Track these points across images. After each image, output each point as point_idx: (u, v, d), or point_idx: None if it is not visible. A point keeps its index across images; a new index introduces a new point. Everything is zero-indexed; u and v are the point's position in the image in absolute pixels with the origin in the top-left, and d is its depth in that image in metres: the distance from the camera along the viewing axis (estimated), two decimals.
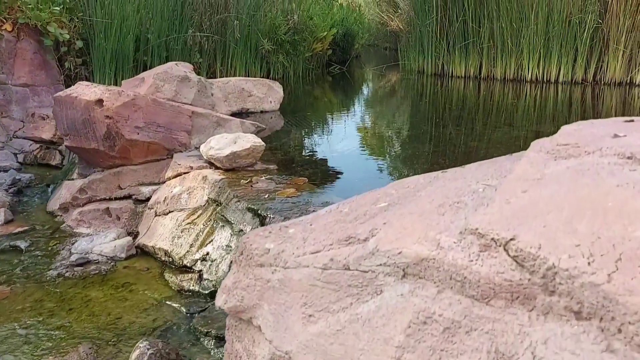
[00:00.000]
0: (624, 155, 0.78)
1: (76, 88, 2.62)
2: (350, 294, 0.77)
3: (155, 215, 2.44)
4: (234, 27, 4.95)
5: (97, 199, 2.64)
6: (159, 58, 4.49)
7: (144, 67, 4.35)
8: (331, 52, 6.80)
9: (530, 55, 5.57)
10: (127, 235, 2.44)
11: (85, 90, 2.56)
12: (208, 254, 2.07)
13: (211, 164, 2.45)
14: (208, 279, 2.00)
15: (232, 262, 0.95)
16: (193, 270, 2.09)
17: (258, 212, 1.92)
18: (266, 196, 2.04)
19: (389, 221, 0.81)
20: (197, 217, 2.24)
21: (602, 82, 5.44)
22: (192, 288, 2.01)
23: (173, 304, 1.93)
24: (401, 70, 6.87)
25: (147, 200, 2.58)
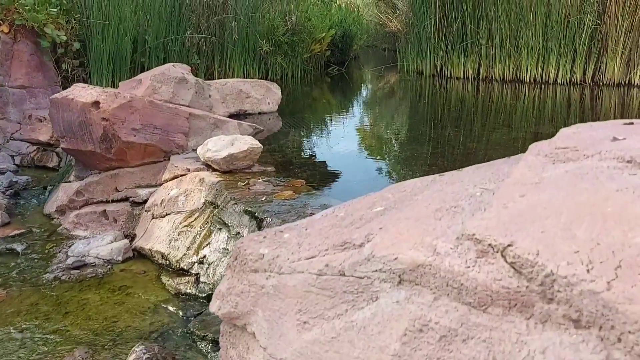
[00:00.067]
0: (623, 158, 0.77)
1: (72, 90, 2.61)
2: (345, 301, 0.75)
3: (152, 218, 2.42)
4: (232, 28, 4.94)
5: (94, 201, 2.63)
6: (156, 59, 4.47)
7: (142, 68, 4.34)
8: (329, 53, 6.79)
9: (528, 56, 5.56)
10: (124, 238, 2.42)
11: (81, 92, 2.54)
12: (205, 257, 2.06)
13: (208, 166, 2.44)
14: (205, 282, 1.99)
15: (227, 266, 0.94)
16: (190, 273, 2.08)
17: (255, 215, 1.90)
18: (263, 198, 2.02)
19: (385, 226, 0.80)
20: (194, 220, 2.22)
21: (601, 83, 5.43)
22: (189, 291, 2.00)
23: (170, 307, 1.92)
24: (400, 71, 6.87)
25: (144, 202, 2.57)
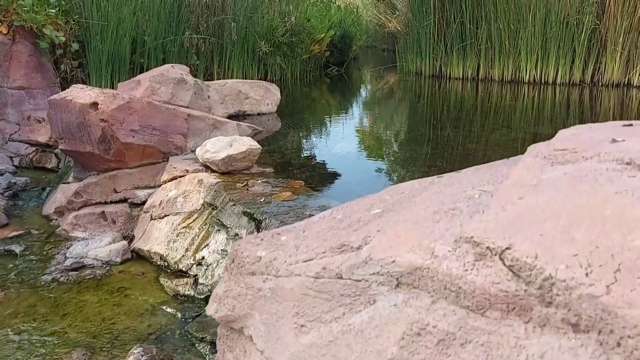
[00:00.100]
0: (622, 160, 0.76)
1: (71, 91, 2.60)
2: (342, 304, 0.75)
3: (150, 219, 2.42)
4: (231, 29, 4.94)
5: (92, 202, 2.63)
6: (155, 60, 4.47)
7: (141, 69, 4.33)
8: (329, 54, 6.79)
9: (528, 56, 5.56)
10: (122, 239, 2.42)
11: (80, 93, 2.54)
12: (204, 258, 2.05)
13: (207, 167, 2.43)
14: (203, 284, 1.98)
15: (224, 269, 0.94)
16: (188, 274, 2.07)
17: (254, 216, 1.90)
18: (262, 200, 2.02)
19: (382, 228, 0.79)
20: (192, 221, 2.22)
21: (600, 84, 5.43)
22: (187, 293, 1.99)
23: (168, 309, 1.92)
24: (399, 71, 6.86)
25: (143, 203, 2.56)
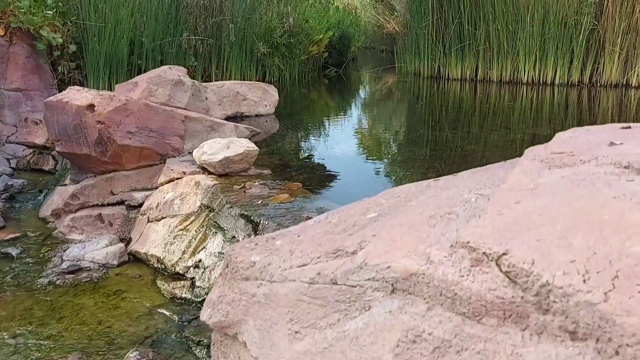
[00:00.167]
0: (620, 164, 0.76)
1: (67, 93, 2.59)
2: (337, 310, 0.74)
3: (147, 222, 2.40)
4: (229, 30, 4.93)
5: (89, 204, 2.61)
6: (153, 62, 4.46)
7: (139, 70, 4.32)
8: (327, 55, 6.78)
9: (526, 57, 5.55)
10: (119, 241, 2.41)
11: (76, 95, 2.53)
12: (201, 260, 2.04)
13: (204, 169, 2.42)
14: (200, 287, 1.97)
15: (218, 274, 0.93)
16: (185, 277, 2.06)
17: (251, 219, 1.89)
18: (259, 202, 2.01)
19: (378, 233, 0.78)
20: (189, 224, 2.21)
21: (598, 84, 5.43)
22: (184, 295, 1.98)
23: (165, 311, 1.91)
24: (397, 72, 6.86)
25: (140, 206, 2.55)
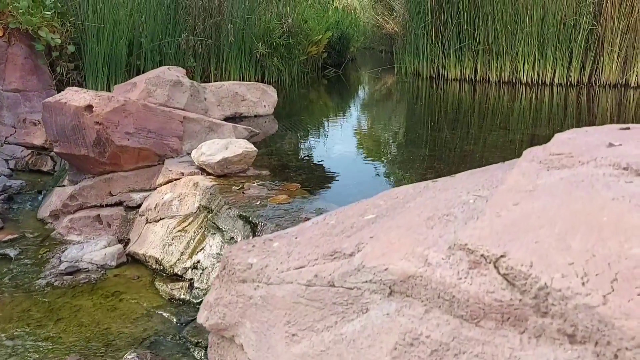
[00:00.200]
0: (619, 165, 0.75)
1: (65, 94, 2.58)
2: (335, 312, 0.73)
3: (146, 223, 2.40)
4: (228, 30, 4.92)
5: (87, 205, 2.61)
6: (152, 62, 4.45)
7: (137, 71, 4.31)
8: (326, 55, 6.78)
9: (525, 57, 5.55)
10: (117, 242, 2.40)
11: (74, 96, 2.52)
12: (199, 262, 2.04)
13: (203, 170, 2.42)
14: (199, 288, 1.96)
15: (215, 276, 0.92)
16: (184, 278, 2.06)
17: (249, 220, 1.89)
18: (258, 203, 2.00)
19: (375, 235, 0.78)
20: (188, 225, 2.20)
21: (597, 84, 5.42)
22: (182, 297, 1.97)
23: (163, 313, 1.90)
24: (396, 73, 6.86)
25: (138, 207, 2.54)
